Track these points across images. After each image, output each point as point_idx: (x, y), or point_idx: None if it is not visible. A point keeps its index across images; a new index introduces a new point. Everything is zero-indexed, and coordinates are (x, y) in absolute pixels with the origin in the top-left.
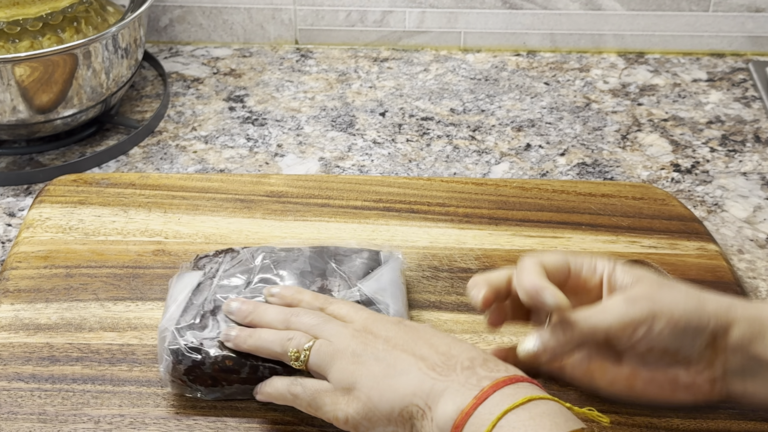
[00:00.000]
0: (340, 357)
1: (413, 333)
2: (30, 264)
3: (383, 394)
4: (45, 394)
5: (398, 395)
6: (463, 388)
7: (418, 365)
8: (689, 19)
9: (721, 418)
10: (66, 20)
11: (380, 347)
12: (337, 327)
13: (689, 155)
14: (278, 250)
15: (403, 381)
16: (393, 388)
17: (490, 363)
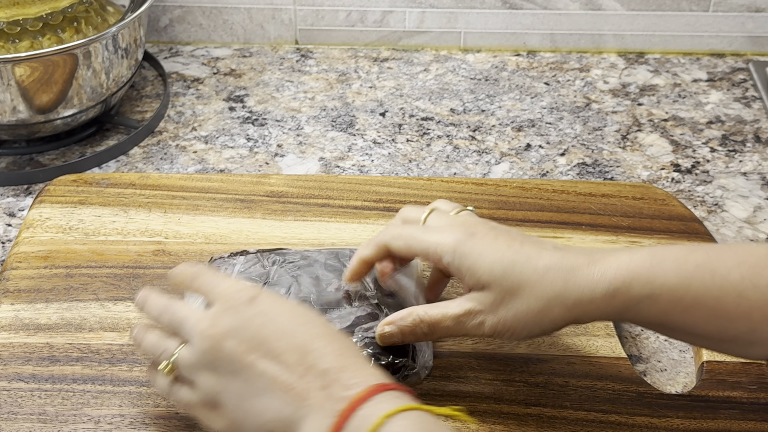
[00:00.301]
0: (197, 369)
1: (263, 331)
2: (30, 264)
3: (246, 417)
4: (45, 394)
5: (261, 420)
6: (320, 414)
7: (274, 385)
8: (689, 19)
9: (720, 418)
10: (66, 20)
11: (228, 364)
12: (190, 339)
13: (689, 155)
14: (293, 253)
15: (263, 404)
16: (255, 411)
17: (345, 373)
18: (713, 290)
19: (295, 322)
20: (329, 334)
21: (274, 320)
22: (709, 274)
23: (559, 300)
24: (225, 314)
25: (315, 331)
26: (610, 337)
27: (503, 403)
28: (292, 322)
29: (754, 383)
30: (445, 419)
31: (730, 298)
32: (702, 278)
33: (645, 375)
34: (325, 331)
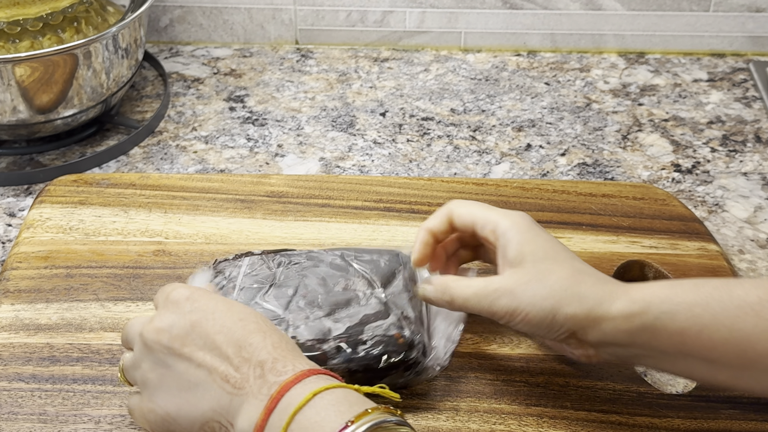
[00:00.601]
0: (139, 371)
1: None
2: (30, 264)
3: (181, 408)
4: (45, 394)
5: (198, 412)
6: (256, 400)
7: (212, 376)
8: (690, 19)
9: (721, 418)
10: (66, 20)
11: (165, 355)
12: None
13: (690, 155)
14: (298, 254)
15: (200, 395)
16: (192, 402)
17: (279, 363)
18: (731, 309)
19: (233, 318)
20: (265, 329)
21: (212, 316)
22: (727, 294)
23: (578, 299)
24: (162, 313)
25: (252, 326)
26: None
27: (504, 402)
28: (229, 318)
29: None
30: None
31: (749, 318)
32: (720, 298)
33: (646, 375)
34: (262, 327)
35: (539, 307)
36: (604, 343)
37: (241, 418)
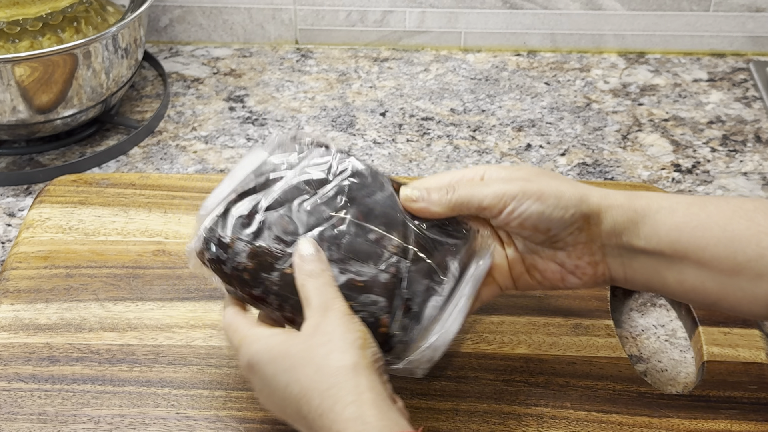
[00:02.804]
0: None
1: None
2: (30, 264)
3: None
4: (45, 394)
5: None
6: None
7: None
8: (690, 19)
9: (721, 418)
10: (66, 20)
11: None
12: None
13: (690, 155)
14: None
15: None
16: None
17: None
18: (726, 211)
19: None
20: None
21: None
22: (724, 200)
23: (587, 187)
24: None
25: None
26: (610, 337)
27: (504, 402)
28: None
29: (754, 383)
30: None
31: (742, 221)
32: (717, 202)
33: (645, 375)
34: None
35: (555, 187)
36: (613, 235)
37: None
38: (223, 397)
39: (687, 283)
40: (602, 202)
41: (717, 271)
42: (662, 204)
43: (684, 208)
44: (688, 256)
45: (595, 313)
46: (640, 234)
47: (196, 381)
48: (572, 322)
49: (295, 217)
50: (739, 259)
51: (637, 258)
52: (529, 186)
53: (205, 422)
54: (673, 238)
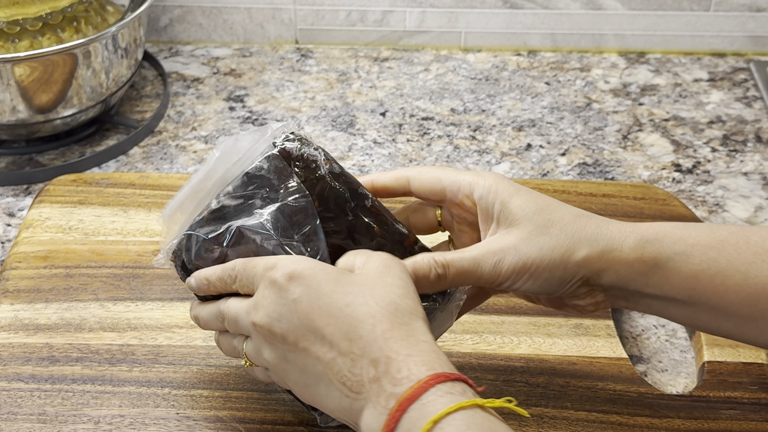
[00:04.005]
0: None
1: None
2: (30, 264)
3: (314, 399)
4: (45, 394)
5: (328, 407)
6: (374, 410)
7: (331, 375)
8: (690, 18)
9: (721, 418)
10: (66, 20)
11: (285, 349)
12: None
13: (690, 155)
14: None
15: (324, 392)
16: (319, 398)
17: (393, 365)
18: (747, 255)
19: (339, 302)
20: (375, 312)
21: (317, 303)
22: (744, 239)
23: (588, 242)
24: (266, 298)
25: (360, 310)
26: (611, 337)
27: None
28: (335, 304)
29: (755, 383)
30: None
31: (765, 265)
32: (736, 242)
33: (646, 375)
34: (372, 310)
35: (549, 258)
36: (616, 287)
37: (365, 420)
38: (223, 397)
39: (700, 322)
40: (603, 258)
41: (736, 316)
42: (675, 250)
43: (700, 254)
44: (703, 302)
45: (596, 314)
46: (649, 283)
47: (196, 381)
48: (573, 322)
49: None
50: (762, 305)
51: (643, 299)
52: (525, 261)
53: (205, 422)
54: (689, 286)
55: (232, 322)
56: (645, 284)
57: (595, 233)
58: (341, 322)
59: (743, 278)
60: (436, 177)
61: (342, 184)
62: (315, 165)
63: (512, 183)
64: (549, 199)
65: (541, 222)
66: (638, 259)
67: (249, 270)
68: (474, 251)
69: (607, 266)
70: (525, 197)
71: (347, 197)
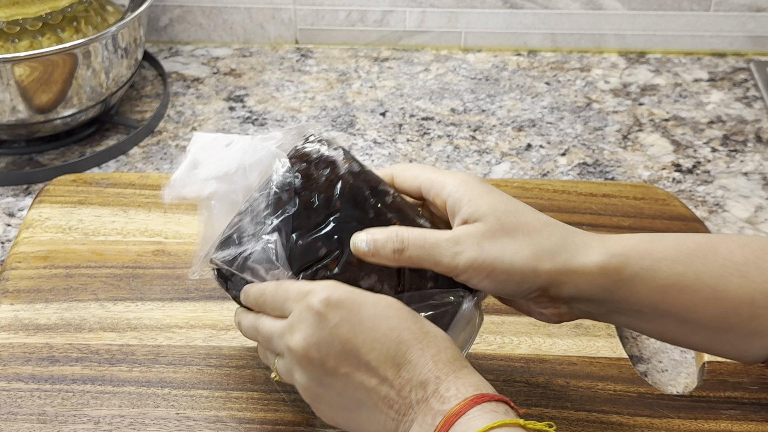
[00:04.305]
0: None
1: (351, 342)
2: (29, 264)
3: (348, 424)
4: (45, 394)
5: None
6: (422, 427)
7: (374, 399)
8: (690, 18)
9: (721, 418)
10: (65, 20)
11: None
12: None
13: (690, 155)
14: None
15: (365, 416)
16: (357, 421)
17: (443, 384)
18: (715, 269)
19: (382, 327)
20: (421, 338)
21: (360, 328)
22: (711, 252)
23: (550, 253)
24: (304, 323)
25: (406, 336)
26: (611, 337)
27: None
28: (379, 329)
29: (755, 384)
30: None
31: (733, 279)
32: (704, 256)
33: (646, 375)
34: (417, 335)
35: (509, 262)
36: (579, 299)
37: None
38: (223, 398)
39: (668, 335)
40: (565, 271)
41: (704, 328)
42: (642, 265)
43: (668, 268)
44: (671, 314)
45: None
46: (613, 298)
47: (195, 381)
48: (573, 322)
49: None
50: (731, 319)
51: (609, 313)
52: (483, 258)
53: (205, 422)
54: (656, 300)
55: (266, 341)
56: (609, 298)
57: (559, 245)
58: (387, 347)
59: (711, 292)
60: (413, 175)
61: (362, 181)
62: (334, 165)
63: (484, 183)
64: (519, 203)
65: (508, 223)
66: (602, 273)
67: (280, 295)
68: (437, 235)
69: (567, 279)
70: (495, 197)
71: (367, 194)
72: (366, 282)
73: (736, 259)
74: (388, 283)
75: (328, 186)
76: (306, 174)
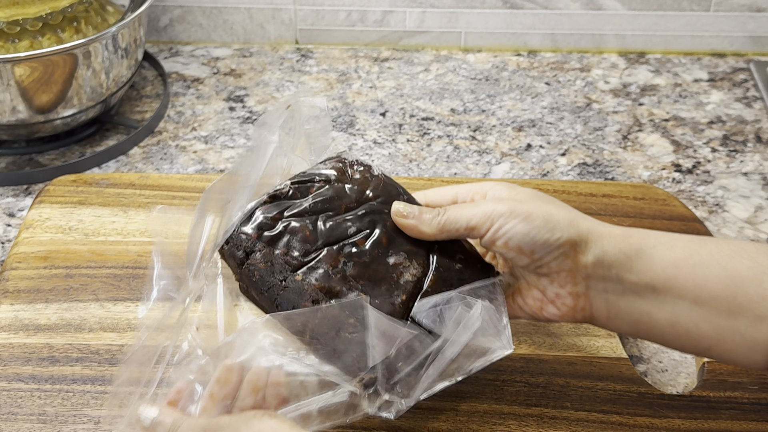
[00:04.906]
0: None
1: None
2: (30, 264)
3: None
4: (45, 394)
5: None
6: None
7: None
8: (690, 18)
9: (721, 418)
10: (66, 20)
11: None
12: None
13: (690, 155)
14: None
15: None
16: None
17: None
18: (727, 250)
19: None
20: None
21: None
22: (724, 241)
23: (581, 217)
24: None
25: None
26: (611, 337)
27: (504, 403)
28: None
29: (755, 384)
30: None
31: (744, 261)
32: (717, 241)
33: (646, 375)
34: None
35: (544, 209)
36: (600, 270)
37: None
38: None
39: (680, 325)
40: (594, 229)
41: (715, 312)
42: (660, 239)
43: (683, 245)
44: (684, 295)
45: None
46: (632, 268)
47: None
48: None
49: (318, 228)
50: (740, 299)
51: (624, 296)
52: (519, 206)
53: None
54: (670, 274)
55: None
56: (628, 269)
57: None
58: None
59: (723, 270)
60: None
61: (394, 183)
62: (369, 168)
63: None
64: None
65: (543, 196)
66: (625, 239)
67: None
68: (474, 205)
69: (595, 236)
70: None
71: (401, 191)
72: (393, 258)
73: (748, 247)
74: (416, 261)
75: (363, 181)
76: (341, 170)
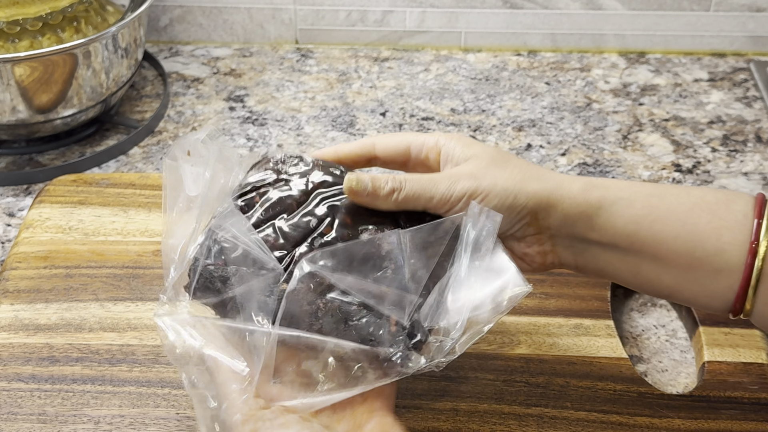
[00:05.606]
0: None
1: None
2: (30, 264)
3: None
4: (45, 394)
5: None
6: None
7: None
8: (690, 18)
9: (721, 418)
10: (66, 20)
11: None
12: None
13: (690, 155)
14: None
15: None
16: None
17: None
18: (687, 204)
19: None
20: None
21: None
22: (685, 192)
23: (539, 179)
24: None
25: None
26: (611, 337)
27: (504, 403)
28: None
29: (755, 383)
30: None
31: (703, 214)
32: (677, 193)
33: (646, 375)
34: None
35: (501, 186)
36: (563, 229)
37: None
38: None
39: (642, 276)
40: (552, 194)
41: (674, 266)
42: (620, 195)
43: (643, 200)
44: (644, 250)
45: (596, 314)
46: (594, 226)
47: None
48: (573, 322)
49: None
50: (698, 254)
51: (589, 249)
52: (477, 185)
53: None
54: (630, 231)
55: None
56: (590, 228)
57: (547, 175)
58: None
59: (681, 225)
60: (399, 138)
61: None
62: (301, 157)
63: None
64: (508, 152)
65: (499, 159)
66: (585, 200)
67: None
68: (433, 174)
69: (555, 202)
70: (485, 146)
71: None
72: (366, 234)
73: (708, 198)
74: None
75: (302, 173)
76: (275, 170)
